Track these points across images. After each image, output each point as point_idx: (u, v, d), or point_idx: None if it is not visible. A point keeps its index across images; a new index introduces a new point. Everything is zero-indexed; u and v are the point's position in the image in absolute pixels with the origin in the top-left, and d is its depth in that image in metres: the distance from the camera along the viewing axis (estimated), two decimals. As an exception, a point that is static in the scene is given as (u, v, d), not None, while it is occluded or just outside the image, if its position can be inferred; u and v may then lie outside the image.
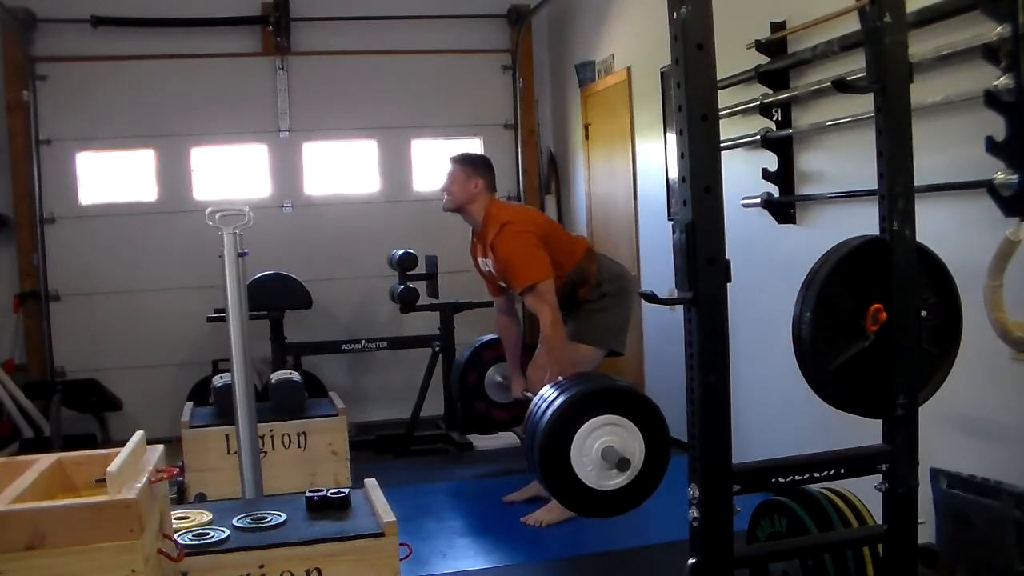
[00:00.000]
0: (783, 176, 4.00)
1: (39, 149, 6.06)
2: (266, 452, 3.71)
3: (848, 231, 2.35)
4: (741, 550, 2.19)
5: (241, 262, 3.14)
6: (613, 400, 2.65)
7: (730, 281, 2.04)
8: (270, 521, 2.36)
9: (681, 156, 2.03)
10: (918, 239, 2.25)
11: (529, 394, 3.74)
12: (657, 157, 5.34)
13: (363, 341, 5.70)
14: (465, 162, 4.21)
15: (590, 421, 2.58)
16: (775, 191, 4.05)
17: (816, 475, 2.26)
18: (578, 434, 2.57)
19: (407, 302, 5.56)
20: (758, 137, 4.01)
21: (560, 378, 2.91)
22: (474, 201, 4.12)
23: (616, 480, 2.57)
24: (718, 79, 2.04)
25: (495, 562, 3.71)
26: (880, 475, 2.27)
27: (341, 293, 6.42)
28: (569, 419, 2.59)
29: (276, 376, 4.23)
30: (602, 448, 2.55)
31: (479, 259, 4.30)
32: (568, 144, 6.78)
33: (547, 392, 2.79)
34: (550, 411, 2.63)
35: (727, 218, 2.03)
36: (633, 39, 5.65)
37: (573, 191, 6.75)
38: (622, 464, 2.51)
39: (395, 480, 4.23)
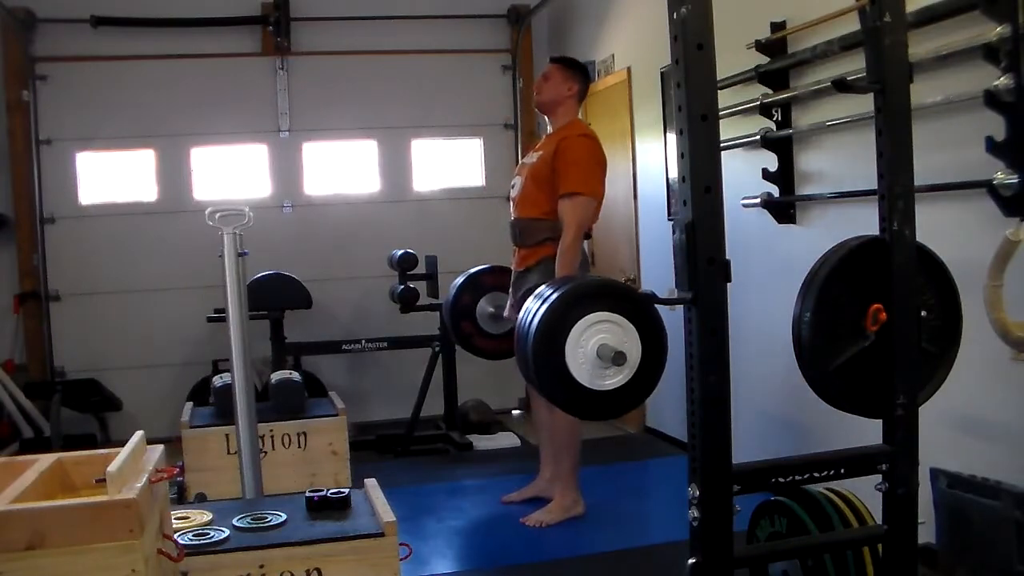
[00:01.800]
0: (783, 176, 4.00)
1: (39, 149, 6.05)
2: (266, 452, 3.71)
3: (848, 231, 2.35)
4: (741, 550, 2.19)
5: (241, 262, 3.14)
6: (607, 297, 2.49)
7: (730, 281, 2.04)
8: (270, 521, 2.36)
9: (681, 156, 2.03)
10: (918, 239, 2.25)
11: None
12: (657, 157, 5.34)
13: (363, 341, 5.69)
14: (566, 64, 4.20)
15: (584, 318, 2.42)
16: (775, 191, 4.05)
17: (816, 475, 2.25)
18: (573, 330, 2.41)
19: (407, 302, 5.56)
20: (758, 137, 4.01)
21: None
22: (563, 103, 4.09)
23: (612, 379, 2.43)
24: (718, 79, 2.04)
25: (495, 562, 3.70)
26: (880, 475, 2.27)
27: (341, 293, 6.42)
28: (563, 315, 2.43)
29: (276, 376, 4.23)
30: (598, 345, 2.41)
31: (528, 154, 4.24)
32: (568, 144, 6.77)
33: (542, 291, 2.63)
34: (543, 308, 2.49)
35: (727, 218, 2.03)
36: (633, 39, 5.65)
37: (573, 191, 6.74)
38: (618, 358, 2.38)
39: (395, 480, 4.23)
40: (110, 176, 6.24)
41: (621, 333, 2.43)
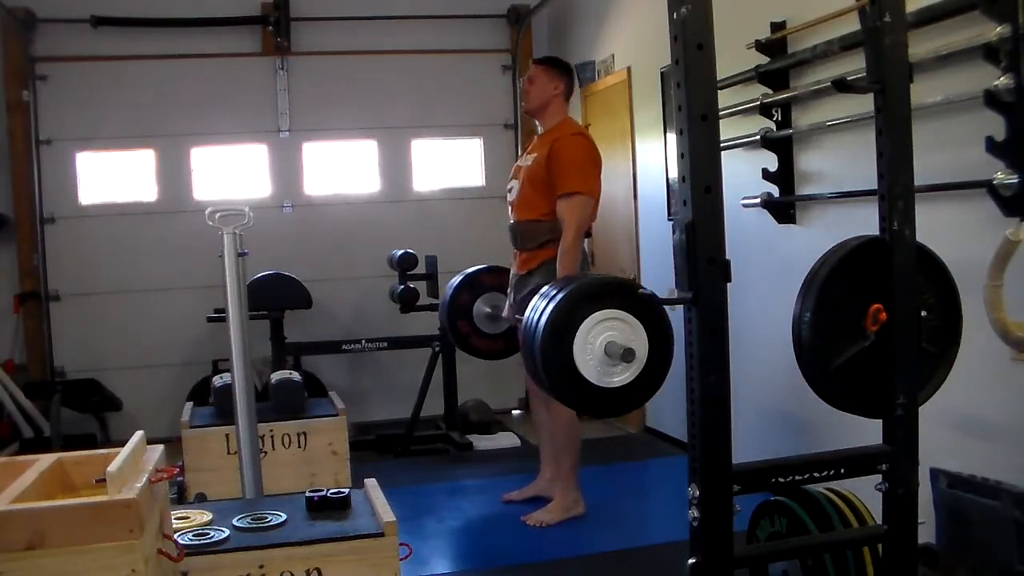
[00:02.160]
0: (783, 176, 4.00)
1: (39, 149, 6.05)
2: (266, 452, 3.70)
3: (848, 231, 2.35)
4: (741, 550, 2.19)
5: (241, 262, 3.14)
6: (614, 295, 2.49)
7: (730, 281, 2.04)
8: (270, 521, 2.36)
9: (681, 156, 2.03)
10: (918, 239, 2.25)
11: (519, 316, 3.59)
12: (657, 157, 5.34)
13: (363, 341, 5.69)
14: (549, 63, 4.22)
15: (592, 316, 2.43)
16: (775, 191, 4.05)
17: (816, 475, 2.25)
18: (581, 328, 2.42)
19: (407, 302, 5.56)
20: (758, 137, 4.01)
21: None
22: (551, 103, 4.10)
23: (620, 376, 2.44)
24: (718, 79, 2.04)
25: (495, 562, 3.70)
26: (880, 475, 2.27)
27: (341, 293, 6.42)
28: (571, 313, 2.44)
29: (276, 376, 4.23)
30: (606, 343, 2.42)
31: (522, 156, 4.24)
32: (568, 144, 6.77)
33: (547, 290, 2.64)
34: (550, 307, 2.49)
35: (727, 218, 2.03)
36: (633, 39, 5.65)
37: (573, 191, 6.74)
38: (627, 355, 2.39)
39: (395, 480, 4.23)
40: (110, 176, 6.24)
41: (629, 330, 2.44)
